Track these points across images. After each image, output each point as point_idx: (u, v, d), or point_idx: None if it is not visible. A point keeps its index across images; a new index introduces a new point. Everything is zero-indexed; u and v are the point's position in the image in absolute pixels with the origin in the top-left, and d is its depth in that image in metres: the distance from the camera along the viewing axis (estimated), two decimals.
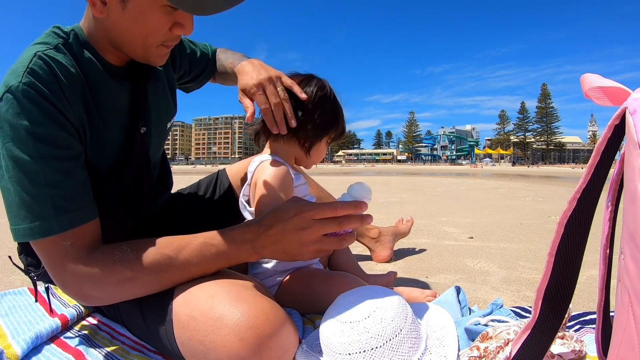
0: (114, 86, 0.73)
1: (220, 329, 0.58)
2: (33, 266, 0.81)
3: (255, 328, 0.57)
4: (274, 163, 0.87)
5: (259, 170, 0.88)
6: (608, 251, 0.51)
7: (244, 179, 1.13)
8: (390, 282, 1.17)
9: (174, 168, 1.40)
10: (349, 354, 0.56)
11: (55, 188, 0.61)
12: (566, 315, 0.69)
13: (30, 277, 0.80)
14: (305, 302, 0.92)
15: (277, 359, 0.59)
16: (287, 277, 0.94)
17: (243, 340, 0.57)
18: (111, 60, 0.73)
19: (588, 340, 0.73)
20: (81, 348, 0.74)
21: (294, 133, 0.86)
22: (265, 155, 0.91)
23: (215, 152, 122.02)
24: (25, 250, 0.82)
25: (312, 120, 0.87)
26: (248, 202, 0.93)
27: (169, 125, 0.93)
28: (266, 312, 0.59)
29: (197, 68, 1.04)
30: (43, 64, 0.63)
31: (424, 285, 1.28)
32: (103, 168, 0.74)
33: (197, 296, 0.62)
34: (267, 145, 0.94)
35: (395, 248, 1.69)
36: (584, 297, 1.15)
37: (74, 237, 0.62)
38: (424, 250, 1.81)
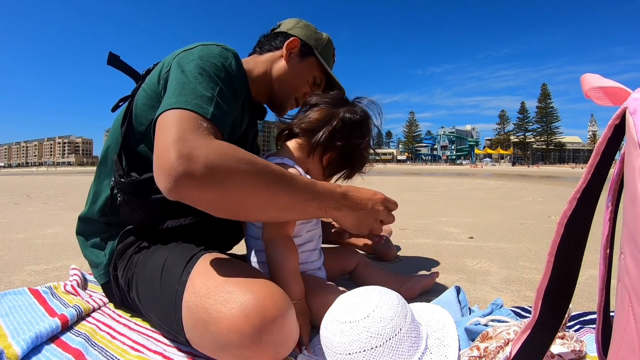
0: (247, 108, 0.96)
1: (229, 301, 0.60)
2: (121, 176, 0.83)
3: (261, 308, 0.59)
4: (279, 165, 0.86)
5: None
6: (608, 251, 0.51)
7: None
8: (430, 284, 1.16)
9: None
10: (349, 353, 0.56)
11: (219, 99, 0.74)
12: (566, 315, 0.69)
13: (119, 178, 0.82)
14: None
15: (275, 346, 0.59)
16: None
17: (248, 317, 0.58)
18: (252, 93, 1.00)
19: (588, 340, 0.73)
20: (81, 348, 0.74)
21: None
22: (276, 158, 0.90)
23: None
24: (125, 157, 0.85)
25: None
26: None
27: None
28: (275, 296, 0.62)
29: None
30: (236, 54, 0.87)
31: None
32: None
33: (216, 269, 0.68)
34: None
35: (397, 249, 1.69)
36: (584, 297, 1.15)
37: (212, 128, 0.69)
38: (423, 250, 1.81)
